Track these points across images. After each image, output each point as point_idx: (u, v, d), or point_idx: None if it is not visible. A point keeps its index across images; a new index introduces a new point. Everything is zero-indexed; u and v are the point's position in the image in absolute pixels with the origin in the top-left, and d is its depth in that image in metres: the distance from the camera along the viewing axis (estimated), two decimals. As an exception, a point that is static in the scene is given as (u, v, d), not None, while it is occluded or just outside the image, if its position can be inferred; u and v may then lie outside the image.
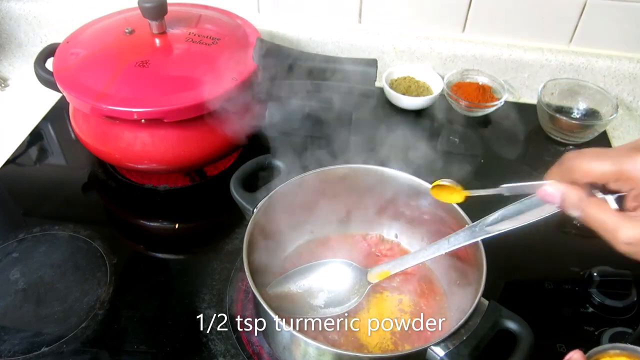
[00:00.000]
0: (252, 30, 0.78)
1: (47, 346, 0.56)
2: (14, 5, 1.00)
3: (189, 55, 0.71)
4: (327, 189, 0.62)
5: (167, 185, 0.76)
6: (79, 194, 0.77)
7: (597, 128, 0.82)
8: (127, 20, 0.76)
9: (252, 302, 0.60)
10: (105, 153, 0.71)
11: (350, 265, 0.59)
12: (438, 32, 0.92)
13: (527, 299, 0.61)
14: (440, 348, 0.45)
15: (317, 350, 0.47)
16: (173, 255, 0.69)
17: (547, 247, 0.68)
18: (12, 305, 0.60)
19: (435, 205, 0.59)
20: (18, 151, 0.82)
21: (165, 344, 0.56)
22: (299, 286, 0.58)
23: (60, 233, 0.68)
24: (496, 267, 0.50)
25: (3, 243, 0.67)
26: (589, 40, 0.89)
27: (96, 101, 0.64)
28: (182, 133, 0.68)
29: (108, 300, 0.61)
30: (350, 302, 0.56)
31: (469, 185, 0.48)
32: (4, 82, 0.97)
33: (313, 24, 0.94)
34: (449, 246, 0.51)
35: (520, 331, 0.47)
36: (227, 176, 0.60)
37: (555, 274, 0.64)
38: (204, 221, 0.74)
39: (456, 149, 0.84)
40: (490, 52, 0.91)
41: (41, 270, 0.64)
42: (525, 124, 0.89)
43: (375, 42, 0.93)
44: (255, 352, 0.56)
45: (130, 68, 0.67)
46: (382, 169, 0.61)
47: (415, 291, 0.60)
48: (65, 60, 0.71)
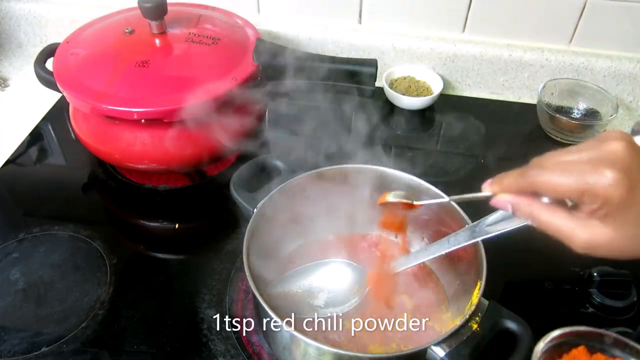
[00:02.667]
0: (252, 30, 0.78)
1: (47, 346, 0.56)
2: (14, 5, 1.00)
3: (189, 55, 0.71)
4: (327, 189, 0.62)
5: (167, 185, 0.76)
6: (79, 194, 0.77)
7: (597, 128, 0.82)
8: (127, 20, 0.76)
9: (252, 302, 0.60)
10: (105, 153, 0.71)
11: (350, 265, 0.59)
12: (438, 32, 0.92)
13: (527, 299, 0.61)
14: (440, 348, 0.45)
15: (317, 350, 0.47)
16: (173, 255, 0.69)
17: (547, 247, 0.67)
18: (12, 305, 0.60)
19: (435, 205, 0.59)
20: (18, 151, 0.82)
21: (165, 344, 0.56)
22: (299, 286, 0.58)
23: (60, 233, 0.68)
24: (496, 267, 0.50)
25: (3, 243, 0.67)
26: (589, 40, 0.89)
27: (96, 101, 0.64)
28: (182, 133, 0.68)
29: (108, 300, 0.61)
30: (350, 302, 0.56)
31: (469, 186, 0.48)
32: (4, 82, 0.97)
33: (313, 24, 0.94)
34: (449, 246, 0.51)
35: (520, 331, 0.47)
36: (227, 176, 0.60)
37: (555, 274, 0.64)
38: (204, 221, 0.74)
39: (456, 148, 0.84)
40: (490, 52, 0.91)
41: (41, 270, 0.64)
42: (525, 124, 0.89)
43: (375, 42, 0.93)
44: (255, 352, 0.56)
45: (130, 68, 0.67)
46: (382, 169, 0.61)
47: (415, 291, 0.60)
48: (65, 60, 0.71)
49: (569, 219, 0.39)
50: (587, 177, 0.36)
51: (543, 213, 0.40)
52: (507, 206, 0.42)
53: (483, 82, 0.95)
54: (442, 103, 0.91)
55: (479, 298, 0.48)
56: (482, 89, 0.96)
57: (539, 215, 0.40)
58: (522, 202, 0.41)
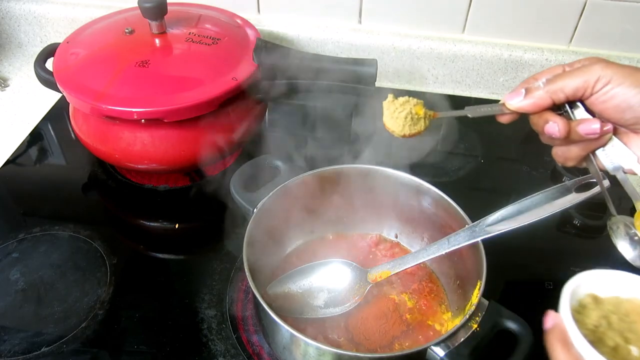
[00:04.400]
0: (252, 30, 0.78)
1: (47, 346, 0.56)
2: (14, 5, 1.00)
3: (189, 55, 0.71)
4: (327, 189, 0.62)
5: (167, 185, 0.76)
6: (79, 194, 0.77)
7: (597, 128, 0.82)
8: (127, 20, 0.76)
9: (252, 302, 0.60)
10: (105, 153, 0.71)
11: (350, 265, 0.59)
12: (438, 32, 0.92)
13: (527, 299, 0.61)
14: (440, 348, 0.45)
15: (317, 350, 0.47)
16: (173, 255, 0.69)
17: (547, 247, 0.68)
18: (12, 305, 0.60)
19: (435, 205, 0.59)
20: (18, 151, 0.82)
21: (165, 344, 0.56)
22: (299, 286, 0.58)
23: (60, 233, 0.68)
24: (496, 267, 0.50)
25: (3, 243, 0.67)
26: (589, 40, 0.89)
27: (96, 101, 0.64)
28: (182, 133, 0.68)
29: (108, 300, 0.61)
30: (350, 302, 0.56)
31: (469, 186, 0.48)
32: (4, 82, 0.97)
33: (313, 24, 0.94)
34: (449, 246, 0.51)
35: (520, 331, 0.47)
36: (227, 176, 0.60)
37: (555, 274, 0.63)
38: (204, 221, 0.74)
39: (456, 148, 0.84)
40: (490, 52, 0.91)
41: (41, 270, 0.64)
42: (525, 124, 0.89)
43: (375, 42, 0.93)
44: (255, 352, 0.56)
45: (130, 68, 0.67)
46: (382, 169, 0.61)
47: (415, 291, 0.60)
48: (65, 60, 0.71)
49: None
50: (586, 74, 0.43)
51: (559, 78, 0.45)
52: (520, 93, 0.47)
53: (483, 82, 0.95)
54: (442, 103, 0.91)
55: (479, 298, 0.48)
56: (482, 89, 0.96)
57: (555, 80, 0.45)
58: (559, 122, 0.45)
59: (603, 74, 0.43)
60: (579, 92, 0.44)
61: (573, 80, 0.44)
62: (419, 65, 0.95)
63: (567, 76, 0.44)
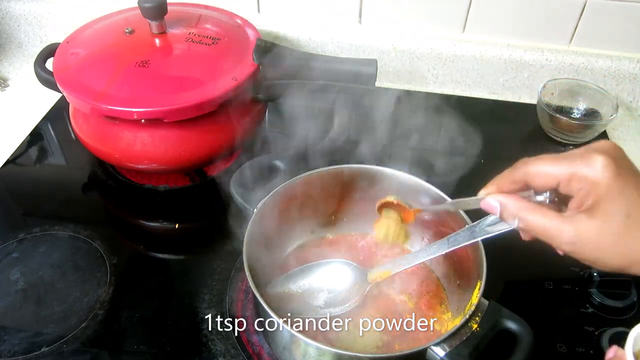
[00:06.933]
0: (252, 30, 0.78)
1: (47, 346, 0.56)
2: (14, 5, 1.00)
3: (189, 55, 0.71)
4: (327, 189, 0.62)
5: (167, 185, 0.76)
6: (79, 194, 0.77)
7: (597, 128, 0.82)
8: (127, 20, 0.76)
9: (252, 302, 0.60)
10: (105, 153, 0.71)
11: (350, 265, 0.59)
12: (438, 32, 0.92)
13: (527, 299, 0.61)
14: (440, 348, 0.45)
15: (317, 350, 0.47)
16: (173, 255, 0.69)
17: (547, 247, 0.67)
18: (12, 305, 0.60)
19: (434, 211, 0.59)
20: (18, 151, 0.82)
21: (165, 344, 0.56)
22: (299, 286, 0.58)
23: (60, 233, 0.68)
24: (496, 267, 0.50)
25: (3, 243, 0.67)
26: (589, 40, 0.89)
27: (96, 101, 0.64)
28: (182, 133, 0.68)
29: (108, 300, 0.61)
30: (350, 302, 0.56)
31: (469, 186, 0.48)
32: (4, 82, 0.97)
33: (313, 24, 0.94)
34: (449, 246, 0.51)
35: (520, 331, 0.47)
36: (227, 176, 0.60)
37: (555, 274, 0.64)
38: (204, 221, 0.74)
39: (456, 148, 0.84)
40: (490, 52, 0.91)
41: (41, 270, 0.64)
42: (525, 124, 0.89)
43: (375, 42, 0.93)
44: (255, 352, 0.56)
45: (130, 68, 0.67)
46: (382, 169, 0.61)
47: (415, 291, 0.60)
48: (65, 60, 0.71)
49: (556, 216, 0.40)
50: (576, 162, 0.39)
51: (530, 212, 0.41)
52: (495, 208, 0.43)
53: (483, 82, 0.95)
54: (442, 103, 0.91)
55: (479, 298, 0.48)
56: (482, 89, 0.96)
57: (526, 214, 0.41)
58: (510, 202, 0.42)
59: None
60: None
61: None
62: (419, 65, 0.95)
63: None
